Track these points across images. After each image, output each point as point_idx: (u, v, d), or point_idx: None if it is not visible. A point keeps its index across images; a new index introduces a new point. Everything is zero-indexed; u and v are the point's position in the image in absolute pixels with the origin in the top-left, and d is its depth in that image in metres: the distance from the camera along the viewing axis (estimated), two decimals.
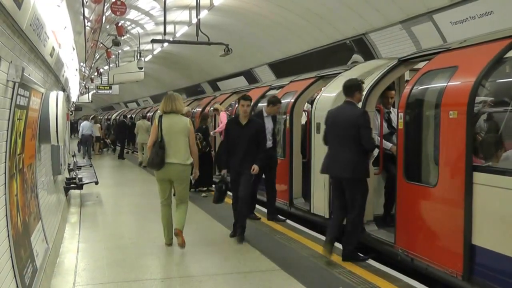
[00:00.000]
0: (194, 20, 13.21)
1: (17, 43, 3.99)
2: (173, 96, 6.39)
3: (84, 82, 28.79)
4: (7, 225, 3.51)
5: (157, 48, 20.10)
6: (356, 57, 11.17)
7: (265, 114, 7.77)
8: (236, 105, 11.97)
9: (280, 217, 7.89)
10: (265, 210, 8.31)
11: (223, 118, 11.20)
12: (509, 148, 4.57)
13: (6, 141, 3.59)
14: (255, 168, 6.54)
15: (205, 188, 10.69)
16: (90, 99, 34.80)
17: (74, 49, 8.96)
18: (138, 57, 19.36)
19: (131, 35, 20.47)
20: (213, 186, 11.07)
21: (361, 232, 5.92)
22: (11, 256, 3.50)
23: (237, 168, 6.63)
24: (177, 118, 6.27)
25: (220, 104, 13.41)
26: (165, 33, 13.09)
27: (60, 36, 6.21)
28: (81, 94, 32.81)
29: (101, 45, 18.92)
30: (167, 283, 5.05)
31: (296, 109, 8.46)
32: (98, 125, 23.08)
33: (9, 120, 3.62)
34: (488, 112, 4.88)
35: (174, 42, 15.36)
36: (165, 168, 6.12)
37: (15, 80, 3.58)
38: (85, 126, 20.56)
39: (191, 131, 6.30)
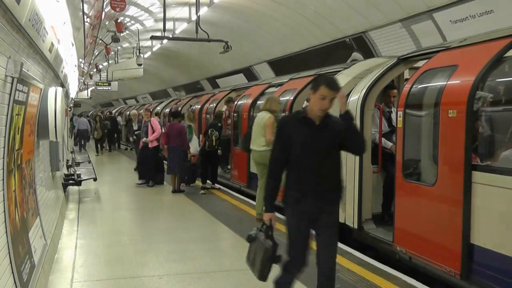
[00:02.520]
0: (194, 17, 13.18)
1: (16, 38, 3.97)
2: (269, 98, 7.95)
3: (83, 78, 28.75)
4: (5, 221, 3.50)
5: (157, 44, 20.05)
6: (356, 55, 11.16)
7: None
8: (236, 102, 11.60)
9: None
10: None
11: (155, 124, 10.99)
12: (509, 147, 4.56)
13: (5, 136, 3.58)
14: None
15: (208, 186, 10.58)
16: (89, 95, 34.79)
17: (73, 45, 8.93)
18: (137, 54, 19.34)
19: (130, 32, 20.41)
20: (215, 184, 10.85)
21: None
22: (9, 252, 3.49)
23: (311, 208, 3.59)
24: (262, 114, 7.56)
25: (218, 102, 13.32)
26: (164, 29, 13.08)
27: (59, 32, 6.18)
28: (80, 90, 32.77)
29: (100, 41, 18.88)
30: (165, 280, 5.05)
31: (295, 106, 8.44)
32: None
33: (7, 115, 3.61)
34: (487, 111, 4.87)
35: (173, 38, 15.30)
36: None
37: (13, 75, 3.57)
38: (81, 122, 22.47)
39: (266, 125, 7.28)
